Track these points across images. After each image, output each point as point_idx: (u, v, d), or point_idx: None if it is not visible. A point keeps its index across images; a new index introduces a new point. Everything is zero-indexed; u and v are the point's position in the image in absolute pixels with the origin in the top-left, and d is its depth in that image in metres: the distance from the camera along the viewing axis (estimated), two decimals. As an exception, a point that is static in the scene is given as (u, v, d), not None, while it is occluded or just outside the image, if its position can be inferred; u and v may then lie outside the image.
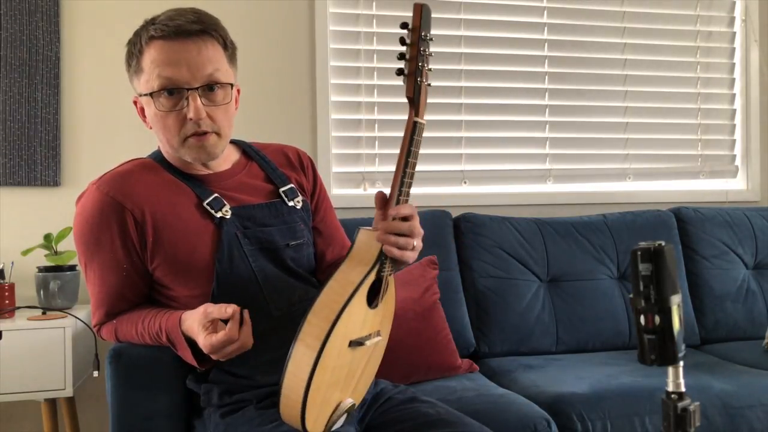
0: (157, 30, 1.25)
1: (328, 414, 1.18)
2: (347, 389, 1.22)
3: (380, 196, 1.24)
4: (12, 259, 2.14)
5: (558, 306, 2.25)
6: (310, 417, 1.12)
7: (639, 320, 0.79)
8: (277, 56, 2.44)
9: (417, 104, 1.23)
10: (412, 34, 1.20)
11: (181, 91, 1.26)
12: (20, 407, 2.20)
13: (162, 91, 1.26)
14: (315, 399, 1.12)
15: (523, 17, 2.67)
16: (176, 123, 1.28)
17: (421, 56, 1.21)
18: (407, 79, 1.22)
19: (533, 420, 1.61)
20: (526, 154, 2.69)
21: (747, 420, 1.75)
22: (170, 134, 1.29)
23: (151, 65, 1.26)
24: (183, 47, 1.25)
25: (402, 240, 1.20)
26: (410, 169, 1.24)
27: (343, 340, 1.16)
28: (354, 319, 1.18)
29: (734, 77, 2.87)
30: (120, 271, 1.32)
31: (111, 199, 1.29)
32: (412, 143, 1.24)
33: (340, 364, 1.17)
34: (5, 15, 2.22)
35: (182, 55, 1.25)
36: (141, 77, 1.29)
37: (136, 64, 1.29)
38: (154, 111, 1.28)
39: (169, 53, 1.25)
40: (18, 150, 2.23)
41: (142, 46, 1.28)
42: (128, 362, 1.37)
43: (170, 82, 1.25)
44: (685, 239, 2.45)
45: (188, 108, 1.26)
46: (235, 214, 1.33)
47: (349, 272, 1.20)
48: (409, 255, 1.23)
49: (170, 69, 1.25)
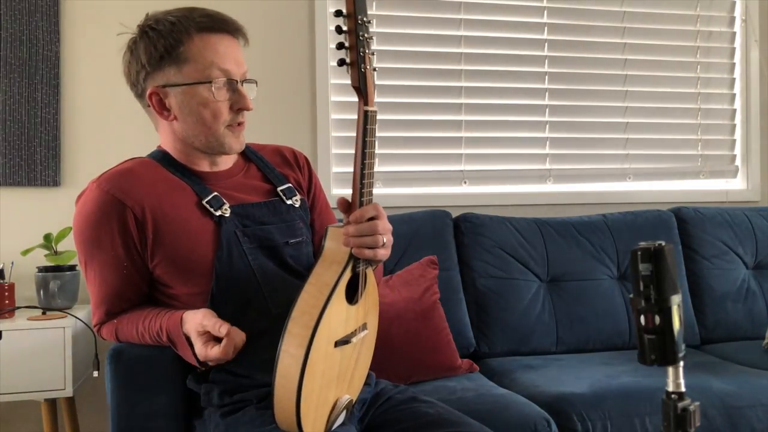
0: (208, 24, 1.30)
1: (325, 414, 1.18)
2: (342, 386, 1.22)
3: (342, 201, 1.24)
4: (12, 259, 2.14)
5: (558, 306, 2.25)
6: (307, 421, 1.12)
7: (639, 320, 0.79)
8: (277, 56, 2.44)
9: (365, 92, 1.18)
10: (348, 20, 1.16)
11: (233, 82, 1.32)
12: (20, 407, 2.20)
13: (221, 80, 1.30)
14: (309, 404, 1.12)
15: (523, 17, 2.67)
16: (225, 111, 1.32)
17: (361, 42, 1.16)
18: (350, 68, 1.17)
19: (533, 420, 1.61)
20: (526, 154, 2.69)
21: (747, 420, 1.75)
22: (215, 121, 1.32)
23: (207, 55, 1.29)
24: (232, 41, 1.33)
25: (369, 239, 1.19)
26: (369, 159, 1.20)
27: (327, 342, 1.16)
28: (336, 320, 1.17)
29: (734, 77, 2.87)
30: (120, 270, 1.32)
31: (111, 197, 1.29)
32: (366, 133, 1.19)
33: (329, 365, 1.17)
34: (5, 15, 2.22)
35: (231, 49, 1.32)
36: (186, 66, 1.29)
37: (180, 52, 1.28)
38: (203, 98, 1.30)
39: (222, 46, 1.31)
40: (18, 150, 2.23)
41: (189, 35, 1.28)
42: (128, 362, 1.37)
43: (228, 73, 1.31)
44: (685, 239, 2.45)
45: (238, 99, 1.32)
46: (234, 213, 1.34)
47: (323, 273, 1.19)
48: (381, 253, 1.23)
49: (227, 61, 1.30)
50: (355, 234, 1.19)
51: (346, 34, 1.17)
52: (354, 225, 1.19)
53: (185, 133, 1.34)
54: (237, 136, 1.35)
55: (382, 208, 1.23)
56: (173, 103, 1.32)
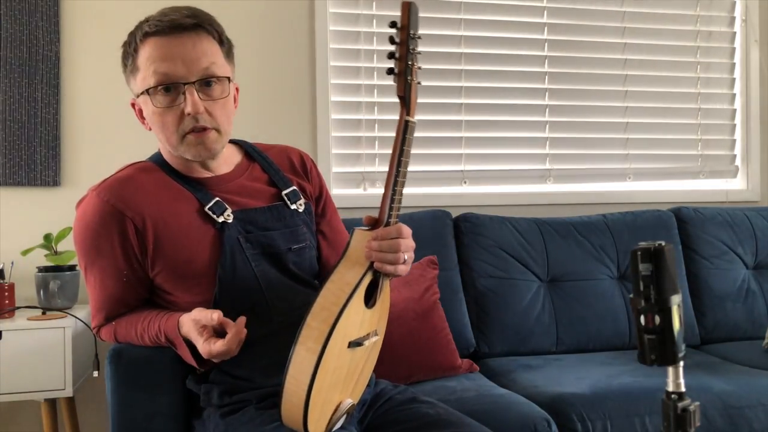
0: (151, 26, 1.24)
1: (328, 415, 1.18)
2: (347, 389, 1.22)
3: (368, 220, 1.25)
4: (12, 259, 2.14)
5: (558, 306, 2.25)
6: (312, 419, 1.12)
7: (639, 320, 0.79)
8: (277, 56, 2.44)
9: (408, 103, 1.23)
10: (401, 32, 1.21)
11: (178, 86, 1.24)
12: (20, 407, 2.20)
13: (158, 87, 1.24)
14: (317, 401, 1.12)
15: (523, 17, 2.67)
16: (174, 120, 1.26)
17: (411, 54, 1.21)
18: (398, 78, 1.22)
19: (533, 420, 1.61)
20: (526, 154, 2.68)
21: (747, 420, 1.75)
22: (169, 132, 1.27)
23: (147, 62, 1.24)
24: (178, 42, 1.23)
25: (391, 256, 1.21)
26: (403, 168, 1.23)
27: (342, 341, 1.16)
28: (353, 320, 1.18)
29: (734, 77, 2.86)
30: (120, 278, 1.32)
31: (111, 207, 1.28)
32: (404, 143, 1.23)
33: (340, 365, 1.17)
34: (5, 15, 2.22)
35: (177, 50, 1.23)
36: (137, 76, 1.28)
37: (132, 63, 1.28)
38: (152, 109, 1.26)
39: (164, 48, 1.23)
40: (18, 150, 2.23)
41: (137, 45, 1.26)
42: (128, 362, 1.37)
43: (166, 78, 1.23)
44: (685, 239, 2.45)
45: (185, 103, 1.24)
46: (237, 219, 1.32)
47: (346, 273, 1.20)
48: (402, 269, 1.24)
49: (166, 64, 1.23)
50: (378, 249, 1.20)
51: (398, 45, 1.21)
52: (377, 242, 1.21)
53: (160, 141, 1.34)
54: (199, 142, 1.27)
55: (407, 229, 1.24)
56: (144, 113, 1.31)
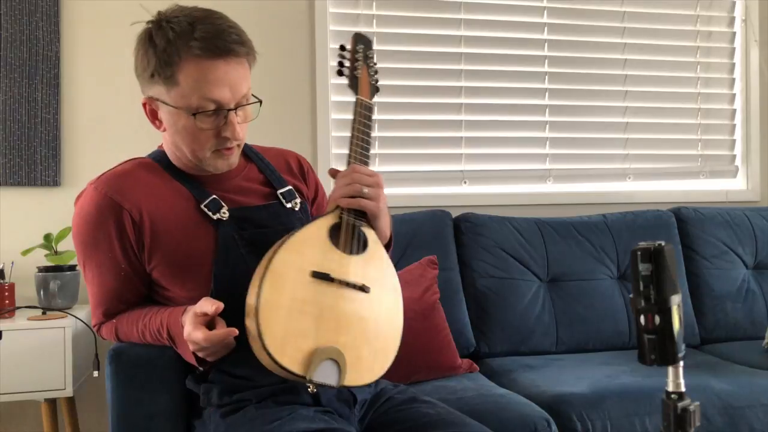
0: (201, 48, 1.21)
1: (306, 350, 1.13)
2: (327, 333, 1.17)
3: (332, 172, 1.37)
4: (12, 259, 2.14)
5: (558, 306, 2.25)
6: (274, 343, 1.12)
7: (639, 320, 0.79)
8: (277, 56, 2.44)
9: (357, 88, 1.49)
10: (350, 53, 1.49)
11: (221, 110, 1.26)
12: (20, 407, 2.20)
13: (205, 111, 1.25)
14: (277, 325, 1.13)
15: (523, 17, 2.67)
16: (209, 137, 1.28)
17: (357, 62, 1.49)
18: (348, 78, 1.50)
19: (533, 420, 1.61)
20: (526, 154, 2.68)
21: (747, 420, 1.75)
22: (198, 146, 1.29)
23: (194, 83, 1.23)
24: (228, 68, 1.24)
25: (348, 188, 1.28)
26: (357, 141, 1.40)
27: (299, 265, 1.18)
28: (311, 249, 1.21)
29: (734, 77, 2.87)
30: (118, 272, 1.32)
31: (109, 200, 1.29)
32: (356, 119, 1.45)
33: (304, 296, 1.16)
34: (5, 15, 2.22)
35: (226, 76, 1.24)
36: (174, 90, 1.25)
37: (171, 75, 1.24)
38: (186, 124, 1.26)
39: (213, 74, 1.23)
40: (18, 150, 2.23)
41: (179, 59, 1.22)
42: (128, 362, 1.37)
43: (215, 104, 1.25)
44: (685, 239, 2.45)
45: (226, 126, 1.27)
46: (232, 216, 1.33)
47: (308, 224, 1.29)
48: (365, 203, 1.29)
49: (217, 90, 1.23)
50: (337, 186, 1.29)
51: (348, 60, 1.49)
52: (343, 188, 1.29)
53: (175, 145, 1.33)
54: (225, 158, 1.32)
55: (364, 167, 1.34)
56: (163, 116, 1.30)
